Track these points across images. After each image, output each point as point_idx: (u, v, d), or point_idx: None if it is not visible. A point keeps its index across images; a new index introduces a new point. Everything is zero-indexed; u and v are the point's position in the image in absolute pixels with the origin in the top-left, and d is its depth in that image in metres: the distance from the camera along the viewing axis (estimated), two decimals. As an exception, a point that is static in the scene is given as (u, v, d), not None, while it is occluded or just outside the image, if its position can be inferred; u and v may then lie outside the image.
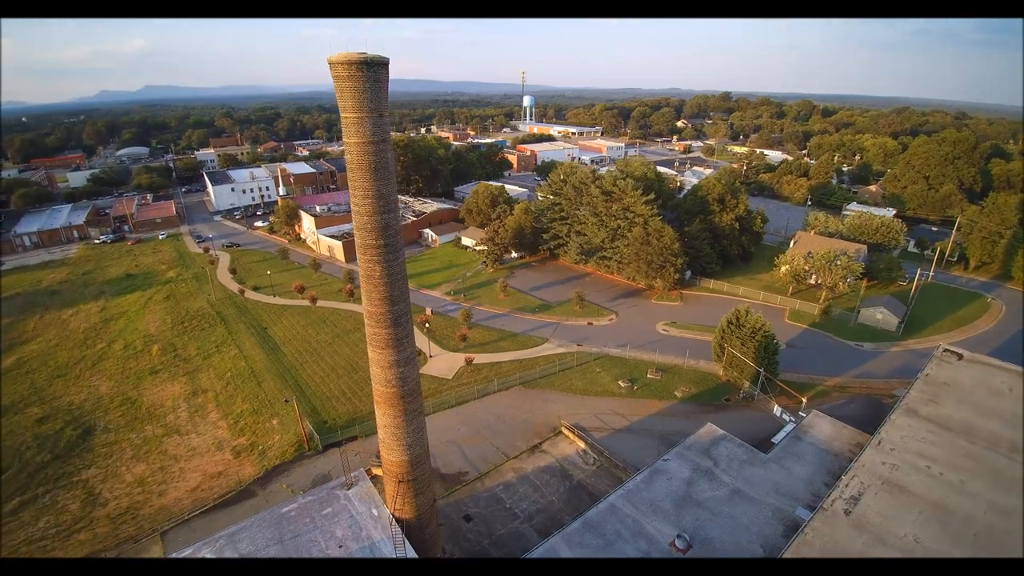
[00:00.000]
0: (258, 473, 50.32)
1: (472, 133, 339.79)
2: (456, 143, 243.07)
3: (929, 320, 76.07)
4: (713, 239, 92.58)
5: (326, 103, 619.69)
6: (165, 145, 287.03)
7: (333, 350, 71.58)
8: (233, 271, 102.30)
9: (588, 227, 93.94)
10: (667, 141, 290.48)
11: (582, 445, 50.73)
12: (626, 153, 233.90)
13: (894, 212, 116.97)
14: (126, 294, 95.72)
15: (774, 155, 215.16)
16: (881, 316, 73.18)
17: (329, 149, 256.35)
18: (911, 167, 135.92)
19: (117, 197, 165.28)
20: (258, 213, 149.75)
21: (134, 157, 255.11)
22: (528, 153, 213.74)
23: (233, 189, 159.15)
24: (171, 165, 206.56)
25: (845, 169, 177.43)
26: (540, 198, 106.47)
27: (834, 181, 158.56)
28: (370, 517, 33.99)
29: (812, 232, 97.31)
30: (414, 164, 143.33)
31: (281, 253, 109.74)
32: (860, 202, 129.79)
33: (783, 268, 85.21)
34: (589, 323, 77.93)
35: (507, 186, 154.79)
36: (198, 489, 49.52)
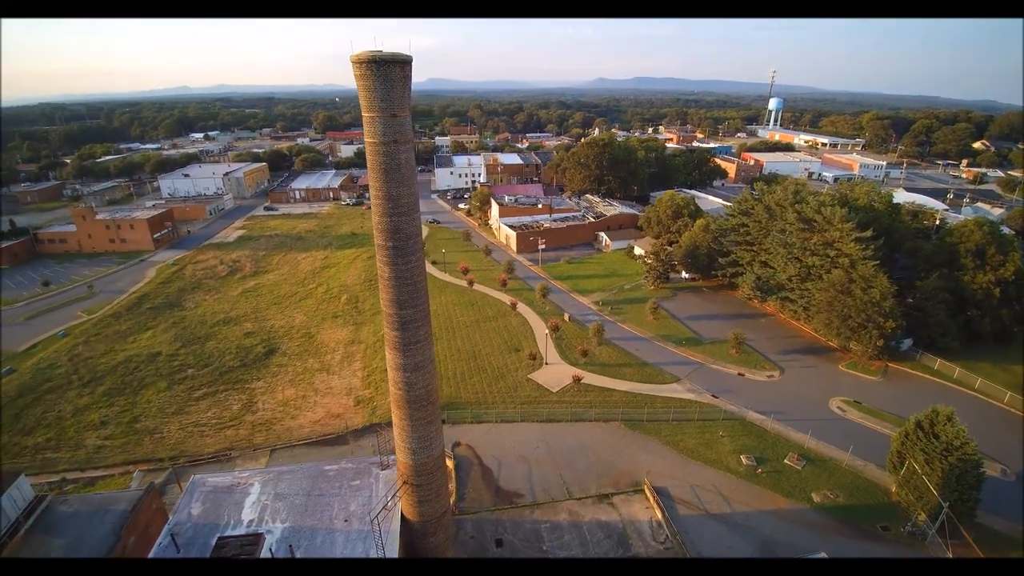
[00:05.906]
0: (361, 425, 56.49)
1: (700, 136, 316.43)
2: (674, 145, 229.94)
3: None
4: (957, 304, 67.74)
5: (568, 99, 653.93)
6: (423, 130, 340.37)
7: (467, 333, 75.45)
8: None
9: (776, 258, 78.34)
10: (952, 165, 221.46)
11: (659, 515, 43.02)
12: (886, 174, 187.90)
13: None
14: (345, 249, 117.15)
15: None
16: None
17: (547, 143, 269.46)
18: None
19: (366, 169, 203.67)
20: (465, 196, 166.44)
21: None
22: (751, 162, 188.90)
23: (452, 172, 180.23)
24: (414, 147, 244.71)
25: None
26: (726, 216, 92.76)
27: None
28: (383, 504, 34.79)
29: None
30: (611, 164, 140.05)
31: (464, 235, 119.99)
32: None
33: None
34: (740, 373, 65.41)
35: (708, 197, 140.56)
36: (318, 423, 57.96)
